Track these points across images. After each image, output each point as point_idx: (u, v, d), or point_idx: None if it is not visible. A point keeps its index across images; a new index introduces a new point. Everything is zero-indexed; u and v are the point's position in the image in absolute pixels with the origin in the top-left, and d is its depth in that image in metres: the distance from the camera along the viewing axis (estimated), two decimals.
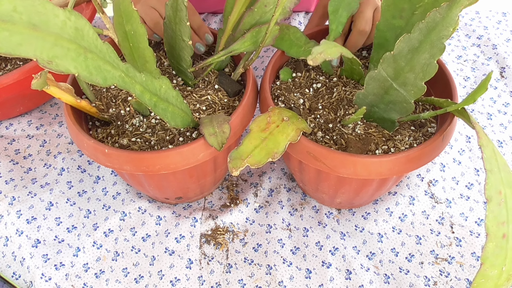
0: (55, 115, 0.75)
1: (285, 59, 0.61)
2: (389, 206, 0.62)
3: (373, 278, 0.56)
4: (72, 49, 0.34)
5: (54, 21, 0.32)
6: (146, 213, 0.62)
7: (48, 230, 0.60)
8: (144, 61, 0.50)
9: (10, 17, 0.29)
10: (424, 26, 0.41)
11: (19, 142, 0.71)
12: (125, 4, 0.46)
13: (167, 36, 0.54)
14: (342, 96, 0.56)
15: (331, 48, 0.41)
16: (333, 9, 0.56)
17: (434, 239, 0.59)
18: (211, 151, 0.49)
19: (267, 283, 0.56)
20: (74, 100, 0.50)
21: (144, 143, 0.52)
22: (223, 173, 0.61)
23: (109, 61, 0.38)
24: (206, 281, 0.56)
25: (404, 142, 0.51)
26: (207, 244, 0.59)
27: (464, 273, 0.56)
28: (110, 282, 0.56)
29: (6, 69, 0.71)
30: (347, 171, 0.47)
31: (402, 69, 0.45)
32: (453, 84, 0.52)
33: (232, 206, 0.63)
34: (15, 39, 0.30)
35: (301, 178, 0.59)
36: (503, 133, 0.70)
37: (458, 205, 0.62)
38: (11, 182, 0.65)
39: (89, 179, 0.66)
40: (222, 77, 0.58)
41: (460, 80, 0.78)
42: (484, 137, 0.38)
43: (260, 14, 0.52)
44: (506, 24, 0.86)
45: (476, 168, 0.66)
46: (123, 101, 0.56)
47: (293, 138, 0.46)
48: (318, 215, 0.62)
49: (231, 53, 0.53)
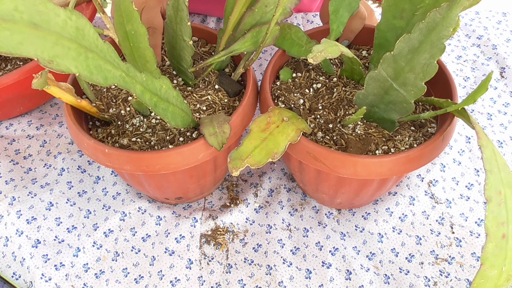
0: (55, 115, 0.75)
1: (285, 59, 0.61)
2: (389, 206, 0.62)
3: (373, 278, 0.56)
4: (73, 49, 0.34)
5: (55, 21, 0.32)
6: (146, 213, 0.62)
7: (48, 230, 0.60)
8: (144, 61, 0.50)
9: (11, 16, 0.29)
10: (424, 26, 0.41)
11: (19, 142, 0.71)
12: (126, 4, 0.46)
13: (168, 36, 0.54)
14: (342, 96, 0.56)
15: (332, 46, 0.41)
16: (333, 9, 0.56)
17: (434, 239, 0.59)
18: (211, 151, 0.49)
19: (267, 283, 0.56)
20: (75, 100, 0.50)
21: (144, 143, 0.52)
22: (223, 173, 0.61)
23: (109, 61, 0.38)
24: (206, 281, 0.56)
25: (404, 142, 0.51)
26: (207, 244, 0.59)
27: (464, 274, 0.56)
28: (110, 282, 0.56)
29: (6, 69, 0.71)
30: (347, 172, 0.47)
31: (402, 69, 0.45)
32: (453, 84, 0.52)
33: (232, 206, 0.63)
34: (16, 38, 0.30)
35: (301, 178, 0.59)
36: (503, 133, 0.70)
37: (458, 206, 0.62)
38: (11, 182, 0.65)
39: (89, 179, 0.66)
40: (223, 77, 0.58)
41: (460, 80, 0.78)
42: (484, 137, 0.38)
43: (260, 14, 0.52)
44: (506, 24, 0.86)
45: (476, 169, 0.66)
46: (124, 101, 0.57)
47: (293, 138, 0.46)
48: (318, 215, 0.62)
49: (231, 53, 0.53)
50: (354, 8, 0.56)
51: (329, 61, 0.60)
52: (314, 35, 0.60)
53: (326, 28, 0.60)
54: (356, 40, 0.62)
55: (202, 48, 0.63)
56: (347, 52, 0.45)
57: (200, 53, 0.62)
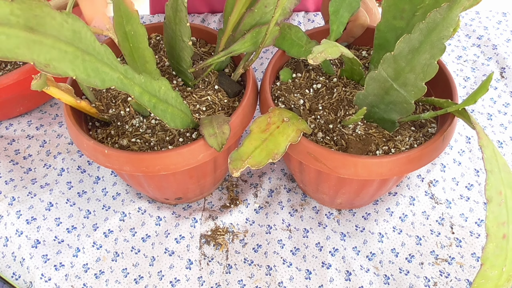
0: (55, 115, 0.75)
1: (285, 59, 0.61)
2: (390, 206, 0.62)
3: (373, 279, 0.56)
4: (70, 52, 0.34)
5: (51, 24, 0.32)
6: (146, 213, 0.62)
7: (48, 231, 0.60)
8: (144, 61, 0.50)
9: (7, 20, 0.29)
10: (424, 26, 0.41)
11: (19, 142, 0.71)
12: (125, 4, 0.46)
13: (167, 36, 0.54)
14: (342, 97, 0.56)
15: (332, 47, 0.41)
16: (334, 9, 0.56)
17: (434, 239, 0.59)
18: (211, 152, 0.49)
19: (267, 283, 0.56)
20: (74, 100, 0.50)
21: (144, 143, 0.52)
22: (223, 173, 0.61)
23: (107, 63, 0.38)
24: (206, 282, 0.56)
25: (405, 142, 0.51)
26: (207, 244, 0.59)
27: (464, 274, 0.56)
28: (109, 282, 0.56)
29: (6, 69, 0.71)
30: (348, 172, 0.47)
31: (403, 70, 0.45)
32: (453, 84, 0.52)
33: (232, 206, 0.63)
34: (12, 43, 0.29)
35: (301, 178, 0.58)
36: (503, 134, 0.70)
37: (458, 206, 0.62)
38: (11, 183, 0.65)
39: (89, 180, 0.66)
40: (222, 78, 0.58)
41: (460, 80, 0.78)
42: (484, 138, 0.38)
43: (260, 15, 0.52)
44: (506, 24, 0.86)
45: (476, 169, 0.66)
46: (123, 102, 0.56)
47: (293, 139, 0.46)
48: (318, 215, 0.62)
49: (231, 53, 0.53)
50: (354, 8, 0.56)
51: (329, 61, 0.60)
52: (314, 35, 0.60)
53: (326, 28, 0.60)
54: (356, 41, 0.62)
55: (202, 49, 0.63)
56: (347, 52, 0.45)
57: (199, 54, 0.62)
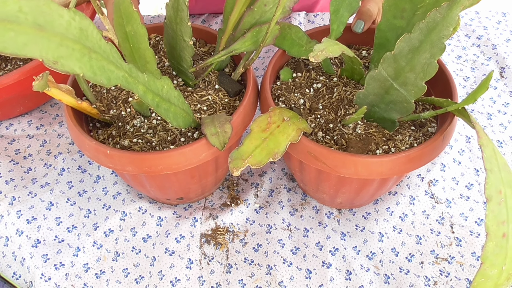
0: (55, 115, 0.75)
1: (285, 59, 0.61)
2: (390, 206, 0.62)
3: (373, 278, 0.56)
4: (77, 50, 0.34)
5: (59, 22, 0.32)
6: (146, 213, 0.62)
7: (48, 230, 0.60)
8: (144, 61, 0.50)
9: (15, 17, 0.29)
10: (424, 25, 0.41)
11: (19, 142, 0.71)
12: (125, 5, 0.46)
13: (168, 36, 0.54)
14: (343, 96, 0.56)
15: (333, 46, 0.41)
16: (334, 9, 0.56)
17: (434, 239, 0.59)
18: (213, 151, 0.49)
19: (267, 283, 0.56)
20: (75, 101, 0.50)
21: (145, 144, 0.52)
22: (224, 173, 0.61)
23: (112, 62, 0.38)
24: (206, 281, 0.56)
25: (405, 142, 0.51)
26: (207, 244, 0.60)
27: (464, 273, 0.56)
28: (110, 282, 0.56)
29: (6, 69, 0.71)
30: (348, 171, 0.47)
31: (403, 69, 0.45)
32: (453, 84, 0.52)
33: (232, 205, 0.63)
34: (21, 40, 0.30)
35: (301, 178, 0.59)
36: (503, 133, 0.70)
37: (458, 205, 0.62)
38: (11, 182, 0.65)
39: (89, 179, 0.66)
40: (223, 77, 0.58)
41: (460, 80, 0.78)
42: (484, 137, 0.38)
43: (260, 14, 0.52)
44: (506, 24, 0.86)
45: (476, 168, 0.66)
46: (124, 102, 0.57)
47: (293, 138, 0.46)
48: (319, 215, 0.62)
49: (231, 53, 0.53)
50: (354, 8, 0.56)
51: (329, 60, 0.60)
52: (314, 35, 0.60)
53: (327, 28, 0.60)
54: (356, 40, 0.62)
55: (202, 49, 0.63)
56: (348, 51, 0.45)
57: (199, 54, 0.62)
